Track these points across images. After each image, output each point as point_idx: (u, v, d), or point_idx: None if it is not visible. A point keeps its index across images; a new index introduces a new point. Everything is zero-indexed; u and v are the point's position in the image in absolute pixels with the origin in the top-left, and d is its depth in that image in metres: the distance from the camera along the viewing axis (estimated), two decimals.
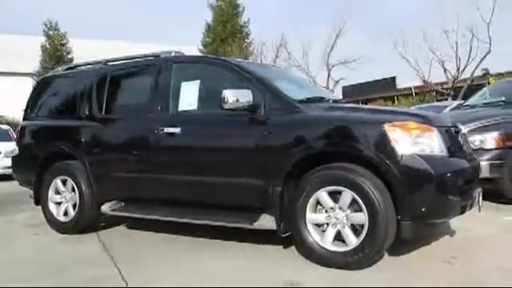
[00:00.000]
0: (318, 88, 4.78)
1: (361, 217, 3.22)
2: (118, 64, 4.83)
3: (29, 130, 5.32)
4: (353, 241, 3.26)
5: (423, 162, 3.12)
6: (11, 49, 29.06)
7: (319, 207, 3.44)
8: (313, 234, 3.40)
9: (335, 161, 3.39)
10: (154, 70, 4.37)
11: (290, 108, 3.62)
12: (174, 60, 4.39)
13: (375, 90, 27.43)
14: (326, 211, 3.39)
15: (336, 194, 3.35)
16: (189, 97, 4.08)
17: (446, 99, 20.08)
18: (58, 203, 4.85)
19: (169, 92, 4.18)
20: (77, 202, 4.65)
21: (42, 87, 5.37)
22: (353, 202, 3.27)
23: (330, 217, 3.36)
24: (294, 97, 3.78)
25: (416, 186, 3.13)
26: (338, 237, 3.37)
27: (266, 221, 3.60)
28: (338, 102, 4.24)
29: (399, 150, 3.14)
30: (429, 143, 3.24)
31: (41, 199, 4.94)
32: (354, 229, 3.31)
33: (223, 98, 3.57)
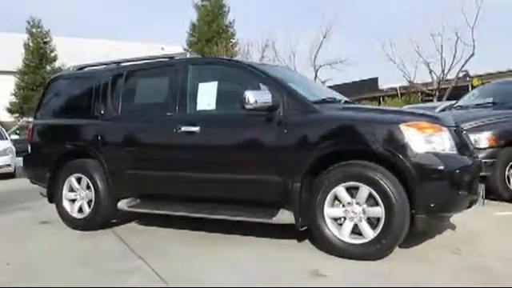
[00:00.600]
0: (328, 89, 4.97)
1: (377, 211, 3.45)
2: (134, 64, 4.95)
3: (42, 129, 5.38)
4: (370, 233, 3.48)
5: (436, 160, 3.37)
6: None
7: (336, 202, 3.64)
8: (331, 227, 3.61)
9: (352, 158, 3.60)
10: (170, 71, 4.51)
11: (308, 108, 3.82)
12: (190, 61, 4.54)
13: (359, 91, 27.84)
14: (343, 206, 3.60)
15: (352, 189, 3.57)
16: (207, 97, 4.23)
17: (431, 100, 20.65)
18: (72, 200, 4.93)
19: (186, 92, 4.33)
20: (92, 199, 4.75)
21: (55, 86, 5.42)
22: (369, 197, 3.49)
23: (347, 211, 3.57)
24: (308, 98, 3.98)
25: (430, 182, 3.36)
26: (353, 230, 3.58)
27: (284, 215, 3.79)
28: (348, 102, 4.45)
29: (414, 148, 3.38)
30: (441, 142, 3.49)
31: (54, 197, 5.02)
32: (369, 222, 3.53)
33: (244, 98, 3.74)
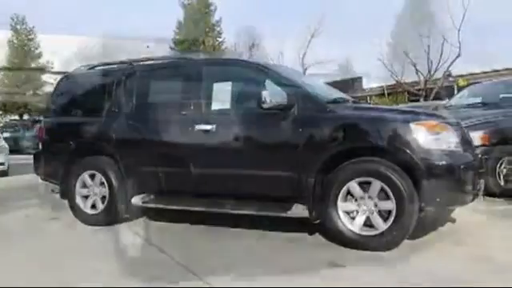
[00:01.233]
0: (334, 89, 5.19)
1: (389, 204, 3.67)
2: (147, 64, 5.08)
3: (55, 127, 5.48)
4: (381, 225, 3.70)
5: (444, 156, 3.63)
6: None
7: (349, 196, 3.85)
8: (344, 220, 3.81)
9: (365, 155, 3.81)
10: (184, 71, 4.68)
11: (321, 108, 4.03)
12: (204, 62, 4.70)
13: (343, 90, 28.22)
14: (356, 200, 3.81)
15: (364, 184, 3.78)
16: (221, 96, 4.41)
17: (418, 100, 21.16)
18: (85, 197, 5.03)
19: (200, 91, 4.49)
20: (106, 195, 4.86)
21: (67, 85, 5.51)
22: (380, 191, 3.71)
23: (360, 204, 3.79)
24: (321, 98, 4.19)
25: (439, 177, 3.61)
26: (365, 222, 3.79)
27: (298, 209, 3.99)
28: (356, 102, 4.67)
29: (424, 145, 3.63)
30: (447, 139, 3.74)
31: (67, 193, 5.12)
32: (380, 215, 3.74)
33: (261, 98, 3.92)
